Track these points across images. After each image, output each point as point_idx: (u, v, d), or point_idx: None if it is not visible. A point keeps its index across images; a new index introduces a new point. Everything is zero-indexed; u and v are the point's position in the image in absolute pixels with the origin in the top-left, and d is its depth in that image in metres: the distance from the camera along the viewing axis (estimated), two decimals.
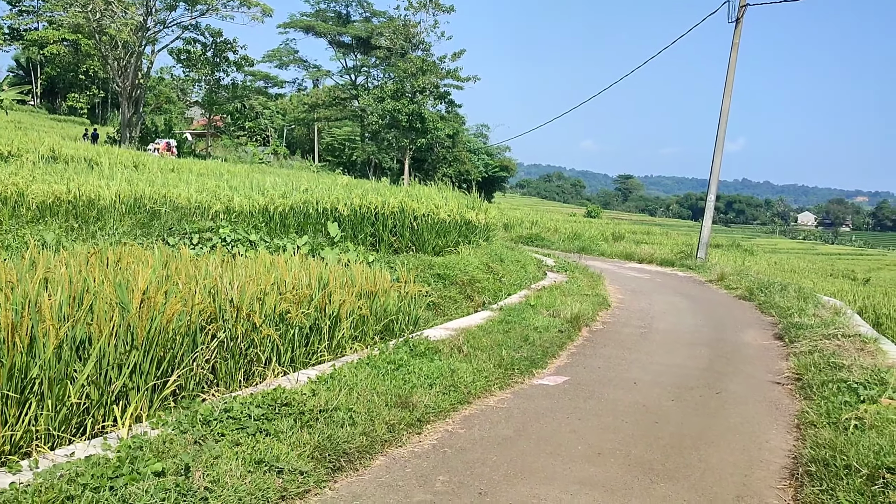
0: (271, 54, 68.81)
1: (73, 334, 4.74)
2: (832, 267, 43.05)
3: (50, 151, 17.73)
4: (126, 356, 5.01)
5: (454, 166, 70.45)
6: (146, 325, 5.06)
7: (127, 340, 5.06)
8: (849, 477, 4.85)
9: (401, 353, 7.23)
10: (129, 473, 4.07)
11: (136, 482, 3.99)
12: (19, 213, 9.97)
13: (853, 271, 40.49)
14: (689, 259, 22.22)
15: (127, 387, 5.08)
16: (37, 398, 4.52)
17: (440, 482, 4.89)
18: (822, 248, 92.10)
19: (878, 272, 49.16)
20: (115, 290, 5.11)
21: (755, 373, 8.65)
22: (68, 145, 21.01)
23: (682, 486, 5.09)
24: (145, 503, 3.84)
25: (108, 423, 4.97)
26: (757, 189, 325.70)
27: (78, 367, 4.77)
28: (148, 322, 5.08)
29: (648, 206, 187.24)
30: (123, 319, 5.00)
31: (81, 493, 3.86)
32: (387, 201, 12.18)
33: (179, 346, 5.50)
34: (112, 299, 5.11)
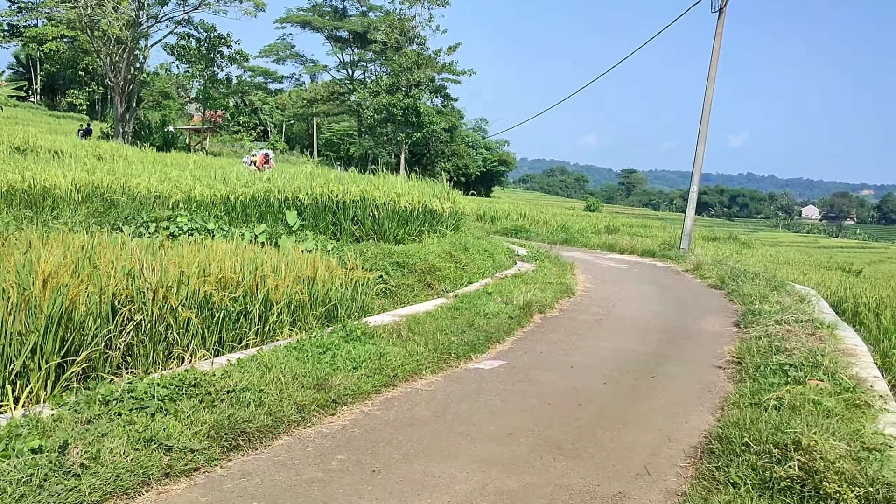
0: (268, 49, 68.98)
1: None
2: (830, 259, 42.76)
3: (24, 143, 17.80)
4: (25, 336, 5.01)
5: (452, 161, 70.42)
6: (48, 306, 5.06)
7: (28, 321, 5.06)
8: (745, 454, 4.83)
9: (334, 337, 7.22)
10: (3, 450, 4.07)
11: (6, 458, 3.99)
12: None
13: (851, 264, 40.21)
14: (671, 250, 22.15)
15: (28, 367, 5.08)
16: None
17: (337, 461, 4.89)
18: (825, 242, 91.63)
19: (877, 265, 48.87)
20: (17, 273, 5.11)
21: (700, 357, 8.62)
22: (44, 138, 21.09)
23: (583, 465, 5.07)
24: (12, 478, 3.84)
25: (8, 402, 4.97)
26: (762, 183, 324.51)
27: None
28: (50, 302, 5.08)
29: (652, 200, 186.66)
30: (22, 299, 4.99)
31: None
32: (348, 190, 12.17)
33: (88, 328, 5.49)
34: (14, 281, 5.11)
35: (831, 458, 4.37)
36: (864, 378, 7.76)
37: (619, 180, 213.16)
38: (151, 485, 4.26)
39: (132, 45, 39.32)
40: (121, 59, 39.23)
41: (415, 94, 54.53)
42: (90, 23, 37.39)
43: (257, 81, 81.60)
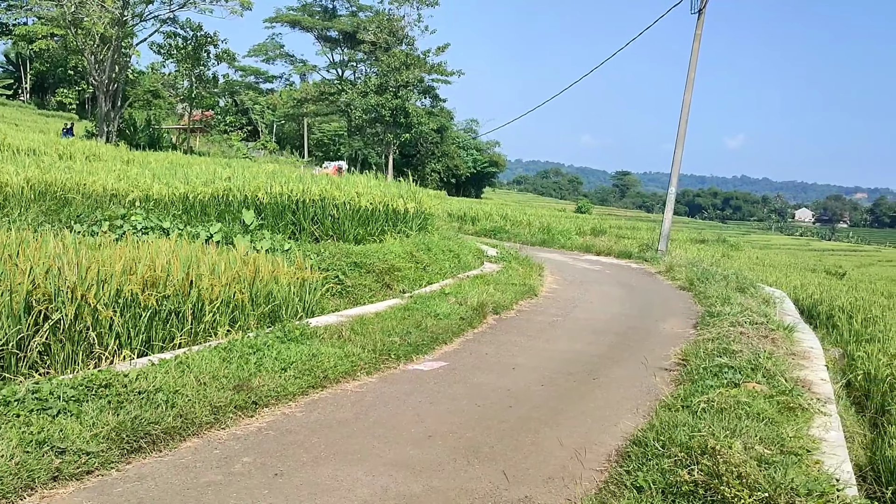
0: (257, 49, 68.88)
1: None
2: (818, 262, 42.62)
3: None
4: None
5: (443, 161, 70.45)
6: None
7: None
8: (657, 458, 4.74)
9: (269, 338, 7.12)
10: None
11: None
12: None
13: (839, 266, 40.11)
14: (648, 251, 22.08)
15: None
16: None
17: (241, 464, 4.78)
18: (817, 244, 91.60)
19: (866, 268, 48.89)
20: None
21: (649, 359, 8.52)
22: (17, 136, 20.94)
23: (496, 468, 4.97)
24: None
25: None
26: (755, 186, 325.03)
27: None
28: None
29: (646, 202, 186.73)
30: None
31: None
32: (308, 189, 12.06)
33: None
34: None
35: (735, 462, 4.28)
36: (809, 381, 7.69)
37: (613, 182, 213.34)
38: (36, 489, 4.14)
39: (117, 44, 39.14)
40: (105, 57, 39.05)
41: (403, 94, 54.40)
42: (74, 20, 37.22)
43: (248, 81, 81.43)
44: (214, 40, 46.98)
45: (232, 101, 78.19)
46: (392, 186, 14.67)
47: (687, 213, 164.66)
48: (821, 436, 5.78)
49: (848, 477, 4.86)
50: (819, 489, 4.16)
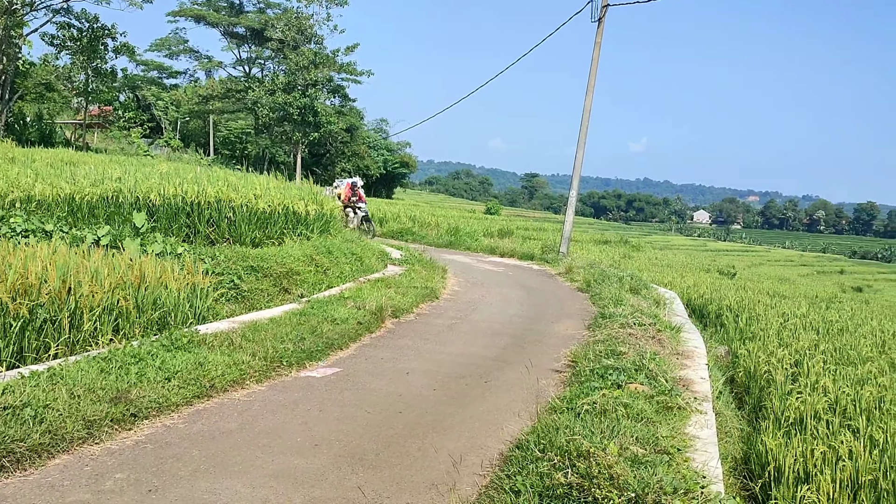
0: (159, 43, 66.63)
1: None
2: (713, 262, 44.58)
3: None
4: None
5: (353, 161, 69.89)
6: None
7: None
8: (538, 461, 4.84)
9: (154, 346, 6.89)
10: None
11: None
12: None
13: (732, 266, 42.03)
14: (550, 253, 22.55)
15: None
16: None
17: (114, 480, 4.61)
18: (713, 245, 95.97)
19: (756, 267, 51.62)
20: None
21: (541, 361, 8.70)
22: None
23: (380, 476, 4.97)
24: None
25: None
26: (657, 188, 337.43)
27: None
28: None
29: (553, 203, 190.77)
30: None
31: None
32: (204, 191, 11.74)
33: None
34: None
35: (608, 464, 4.42)
36: (690, 380, 8.03)
37: (522, 184, 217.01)
38: None
39: (5, 33, 37.07)
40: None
41: (312, 93, 53.71)
42: None
43: (150, 76, 78.58)
44: (112, 33, 45.13)
45: (133, 96, 75.27)
46: (293, 188, 14.44)
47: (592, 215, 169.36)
48: (695, 433, 6.05)
49: (715, 473, 5.09)
50: (685, 487, 4.34)
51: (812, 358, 9.92)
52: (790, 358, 10.04)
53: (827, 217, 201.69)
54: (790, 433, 6.95)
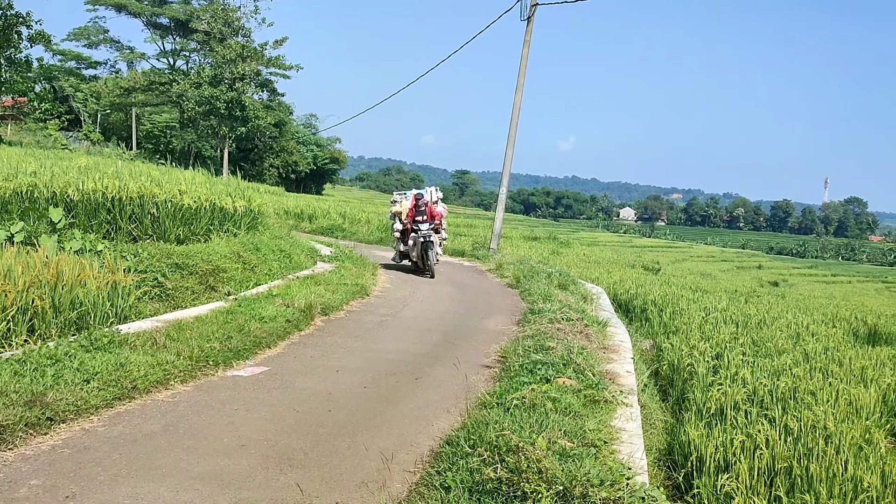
0: (78, 32, 64.16)
1: None
2: (639, 258, 45.67)
3: None
4: None
5: (281, 157, 68.90)
6: None
7: None
8: (467, 457, 4.86)
9: (72, 347, 6.64)
10: None
11: None
12: None
13: (657, 262, 43.12)
14: (481, 250, 22.71)
15: None
16: None
17: (28, 487, 4.42)
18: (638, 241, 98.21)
19: (680, 263, 53.05)
20: None
21: (471, 357, 8.75)
22: None
23: (309, 475, 4.91)
24: None
25: None
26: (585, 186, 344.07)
27: None
28: None
29: (484, 200, 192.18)
30: None
31: None
32: (126, 186, 11.37)
33: None
34: None
35: (536, 458, 4.48)
36: (616, 373, 8.22)
37: (453, 180, 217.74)
38: None
39: None
40: None
41: (239, 87, 52.66)
42: None
43: (68, 66, 75.56)
44: (27, 20, 43.16)
45: (49, 87, 72.26)
46: (219, 184, 14.12)
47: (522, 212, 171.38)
48: (621, 426, 6.20)
49: (640, 465, 5.23)
50: (611, 479, 4.44)
51: (732, 350, 10.27)
52: (711, 351, 10.38)
53: (746, 214, 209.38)
54: (711, 423, 7.18)
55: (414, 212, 15.89)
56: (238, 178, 16.31)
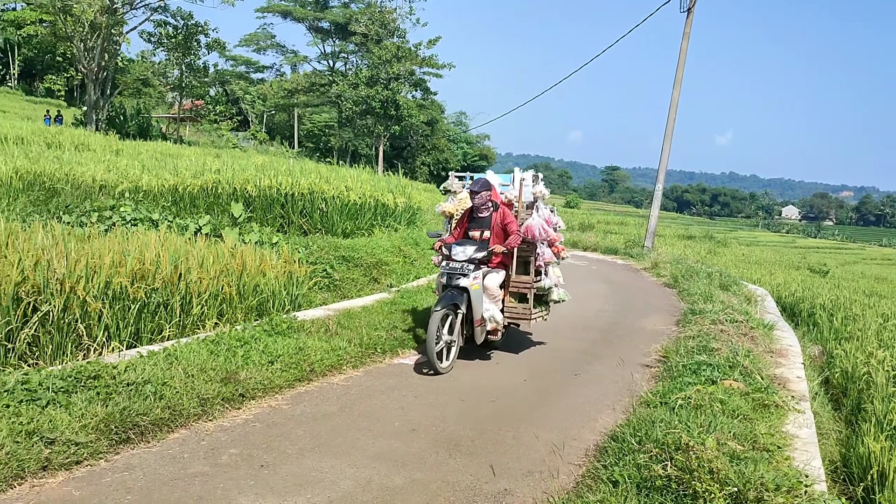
0: (248, 38, 68.61)
1: None
2: (803, 260, 43.01)
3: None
4: None
5: (433, 154, 70.49)
6: None
7: None
8: (634, 453, 4.87)
9: (256, 331, 7.21)
10: None
11: None
12: None
13: (824, 264, 40.47)
14: (635, 248, 22.26)
15: None
16: None
17: (228, 455, 4.88)
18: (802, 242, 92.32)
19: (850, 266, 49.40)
20: None
21: (630, 356, 8.66)
22: (3, 124, 20.87)
23: (477, 461, 5.09)
24: None
25: None
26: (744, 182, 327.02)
27: None
28: None
29: (634, 197, 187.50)
30: None
31: None
32: (297, 183, 12.14)
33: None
34: None
35: (707, 458, 4.42)
36: (785, 378, 7.87)
37: (602, 177, 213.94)
38: (26, 478, 4.23)
39: (107, 32, 38.91)
40: (95, 45, 38.83)
41: (394, 87, 54.37)
42: (63, 7, 36.98)
43: (239, 71, 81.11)
44: (205, 29, 46.80)
45: (222, 90, 77.95)
46: (382, 181, 14.77)
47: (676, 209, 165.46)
48: (794, 432, 5.95)
49: (817, 473, 5.01)
50: (787, 484, 4.30)
51: None
52: (892, 360, 9.66)
53: None
54: (894, 437, 6.73)
55: (468, 218, 8.02)
56: (399, 176, 16.94)
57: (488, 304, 7.63)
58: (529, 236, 7.98)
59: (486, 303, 7.60)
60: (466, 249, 7.47)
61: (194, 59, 48.26)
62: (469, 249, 7.47)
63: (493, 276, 7.69)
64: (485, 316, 7.58)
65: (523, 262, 8.31)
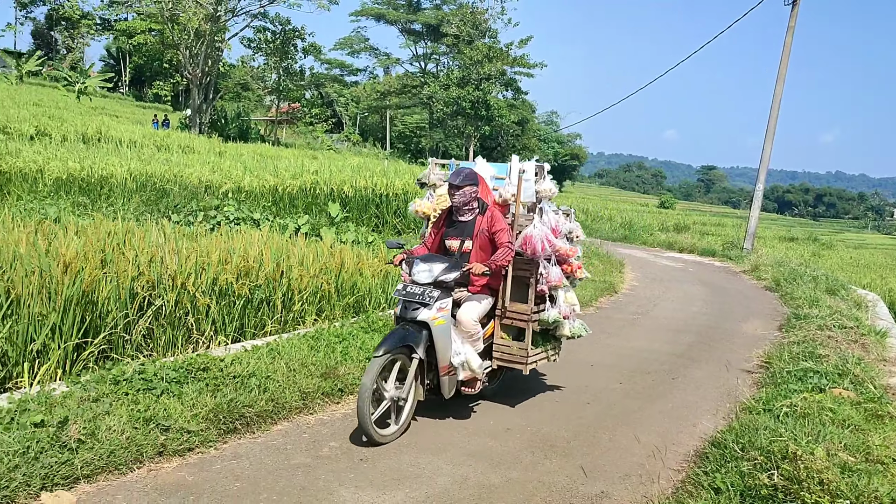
0: (342, 42, 70.09)
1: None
2: None
3: (97, 133, 18.76)
4: (45, 317, 5.32)
5: (523, 154, 70.16)
6: (66, 288, 5.37)
7: (47, 302, 5.38)
8: (736, 460, 4.73)
9: (354, 328, 7.39)
10: (7, 423, 4.36)
11: (8, 431, 4.26)
12: (36, 189, 10.59)
13: None
14: (733, 250, 21.55)
15: (48, 346, 5.40)
16: None
17: (329, 448, 5.03)
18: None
19: None
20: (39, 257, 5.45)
21: (731, 360, 8.40)
22: (117, 128, 22.09)
23: (573, 463, 5.07)
24: (10, 449, 4.10)
25: (28, 379, 5.30)
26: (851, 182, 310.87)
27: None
28: (68, 285, 5.39)
29: (732, 197, 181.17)
30: (43, 281, 5.32)
31: None
32: (392, 183, 12.36)
33: (108, 311, 5.79)
34: (36, 265, 5.45)
35: (817, 468, 4.25)
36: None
37: (697, 177, 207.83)
38: (144, 462, 4.47)
39: (210, 39, 40.61)
40: (199, 51, 40.60)
41: (485, 87, 54.44)
42: (171, 16, 38.83)
43: (333, 74, 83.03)
44: (302, 34, 48.22)
45: (317, 93, 79.95)
46: None
47: (776, 210, 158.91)
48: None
49: None
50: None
51: None
52: None
53: None
54: None
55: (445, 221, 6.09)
56: None
57: (461, 346, 5.52)
58: (528, 251, 5.81)
59: (457, 343, 5.50)
60: (433, 268, 5.40)
61: (291, 62, 49.76)
62: (436, 268, 5.40)
63: (470, 307, 5.62)
64: (454, 362, 5.47)
65: (522, 284, 6.07)
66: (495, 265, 5.52)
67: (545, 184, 6.11)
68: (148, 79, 74.81)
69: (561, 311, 6.18)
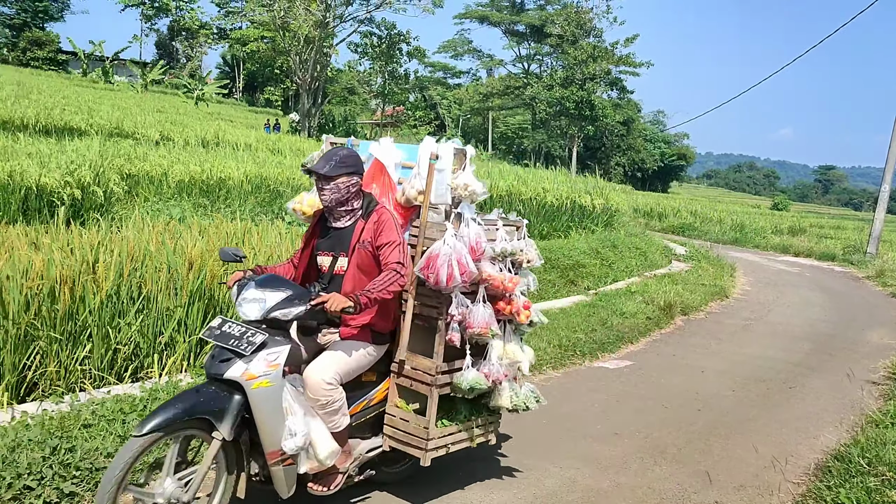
0: (446, 45, 70.86)
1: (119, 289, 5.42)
2: None
3: (215, 137, 19.68)
4: (172, 311, 5.64)
5: (628, 155, 68.91)
6: (190, 284, 5.68)
7: (174, 298, 5.70)
8: (862, 475, 4.49)
9: None
10: (140, 410, 4.65)
11: (141, 417, 4.54)
12: (161, 191, 11.21)
13: None
14: (855, 254, 20.38)
15: (175, 340, 5.72)
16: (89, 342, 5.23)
17: None
18: None
19: None
20: (167, 255, 5.79)
21: (853, 371, 7.96)
22: (232, 132, 23.07)
23: (684, 471, 4.94)
24: None
25: (157, 370, 5.63)
26: None
27: (129, 319, 5.44)
28: (193, 281, 5.71)
29: (853, 199, 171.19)
30: (170, 278, 5.65)
31: (98, 422, 4.48)
32: (495, 185, 12.37)
33: (226, 305, 6.07)
34: (164, 262, 5.79)
35: None
36: None
37: (814, 177, 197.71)
38: None
39: (319, 45, 41.86)
40: (309, 57, 41.90)
41: (589, 87, 53.72)
42: (283, 24, 40.27)
43: (436, 76, 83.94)
44: (407, 38, 48.95)
45: (421, 96, 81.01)
46: (578, 182, 14.68)
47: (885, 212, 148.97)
48: None
49: None
50: None
51: None
52: None
53: None
54: None
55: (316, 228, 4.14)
56: (597, 177, 16.77)
57: (301, 421, 3.47)
58: (430, 280, 3.80)
59: (295, 416, 3.47)
60: (266, 297, 3.49)
61: (396, 66, 50.62)
62: (271, 297, 3.48)
63: (326, 361, 3.69)
64: (287, 447, 3.44)
65: (431, 327, 4.09)
66: (368, 298, 3.53)
67: (464, 177, 4.04)
68: (260, 84, 77.85)
69: (491, 372, 4.08)
